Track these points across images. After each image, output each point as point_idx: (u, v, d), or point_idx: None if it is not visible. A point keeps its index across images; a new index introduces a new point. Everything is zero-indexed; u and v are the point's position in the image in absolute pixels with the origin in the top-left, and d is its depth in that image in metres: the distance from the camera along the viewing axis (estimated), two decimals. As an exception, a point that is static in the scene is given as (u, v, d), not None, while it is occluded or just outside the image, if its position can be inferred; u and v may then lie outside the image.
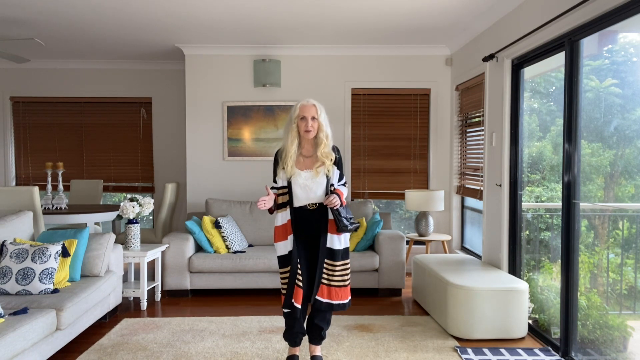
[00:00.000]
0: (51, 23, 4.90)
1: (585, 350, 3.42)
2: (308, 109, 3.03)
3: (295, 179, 3.04)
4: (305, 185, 3.04)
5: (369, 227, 5.07)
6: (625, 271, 3.49)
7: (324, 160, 3.05)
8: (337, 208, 3.00)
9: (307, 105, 3.04)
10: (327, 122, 3.09)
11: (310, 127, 3.02)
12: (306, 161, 3.09)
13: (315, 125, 3.03)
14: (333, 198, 2.97)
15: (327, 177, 3.07)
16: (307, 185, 3.04)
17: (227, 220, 5.15)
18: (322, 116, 3.05)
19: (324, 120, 3.06)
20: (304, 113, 3.02)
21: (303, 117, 3.02)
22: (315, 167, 3.05)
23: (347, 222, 3.01)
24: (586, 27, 3.14)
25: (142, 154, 6.83)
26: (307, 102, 3.06)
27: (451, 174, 5.87)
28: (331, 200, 2.97)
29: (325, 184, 3.06)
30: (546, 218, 4.35)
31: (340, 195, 3.08)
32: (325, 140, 3.05)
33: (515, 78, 4.19)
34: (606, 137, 3.53)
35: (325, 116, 3.08)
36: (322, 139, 3.05)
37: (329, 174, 3.07)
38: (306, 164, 3.07)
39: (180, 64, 6.50)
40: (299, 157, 3.10)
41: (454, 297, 3.72)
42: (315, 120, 3.03)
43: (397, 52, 5.89)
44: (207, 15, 4.67)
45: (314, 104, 3.05)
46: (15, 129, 6.84)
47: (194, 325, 4.05)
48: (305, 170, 3.06)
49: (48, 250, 3.57)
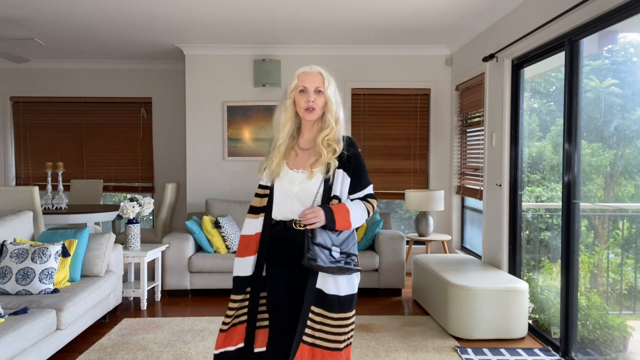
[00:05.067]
0: (51, 23, 4.90)
1: (585, 350, 3.42)
2: (311, 77, 2.06)
3: (280, 181, 2.08)
4: (290, 192, 2.05)
5: (369, 227, 5.07)
6: (625, 271, 3.49)
7: (323, 153, 2.02)
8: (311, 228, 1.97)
9: (310, 73, 2.08)
10: (340, 101, 2.11)
11: (312, 104, 2.04)
12: (301, 156, 2.11)
13: (320, 101, 2.05)
14: (310, 212, 1.96)
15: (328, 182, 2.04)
16: (295, 192, 2.04)
17: (227, 220, 5.16)
18: (332, 90, 2.08)
19: (334, 96, 2.08)
20: (304, 83, 2.06)
21: (303, 88, 2.06)
22: (309, 163, 2.04)
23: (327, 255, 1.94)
24: (586, 27, 3.14)
25: (142, 154, 6.83)
26: (309, 69, 2.10)
27: (451, 174, 5.87)
28: (306, 214, 1.97)
29: (320, 192, 2.03)
30: (546, 218, 4.35)
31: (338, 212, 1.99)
32: (333, 124, 2.05)
33: (515, 78, 4.19)
34: (606, 137, 3.53)
35: (336, 91, 2.10)
36: (330, 122, 2.05)
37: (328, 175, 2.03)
38: (300, 161, 2.10)
39: (180, 64, 6.50)
40: (293, 149, 2.13)
41: (454, 297, 3.72)
42: (320, 95, 2.06)
43: (397, 52, 5.89)
44: (207, 15, 4.67)
45: (320, 71, 2.09)
46: (15, 129, 6.84)
47: (194, 325, 4.04)
48: (295, 169, 2.08)
49: (48, 250, 3.57)
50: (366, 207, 2.07)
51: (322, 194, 2.03)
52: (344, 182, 2.05)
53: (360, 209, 2.05)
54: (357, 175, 2.07)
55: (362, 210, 2.05)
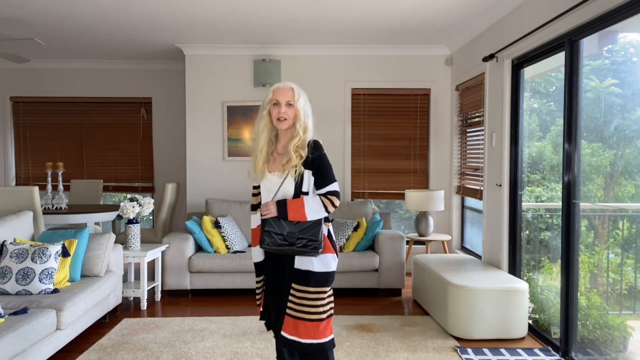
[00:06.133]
0: (51, 23, 4.90)
1: (585, 350, 3.42)
2: (283, 92, 2.45)
3: (263, 182, 2.51)
4: (268, 191, 2.49)
5: (369, 227, 5.07)
6: (625, 271, 3.49)
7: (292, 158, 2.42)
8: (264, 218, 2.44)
9: (282, 88, 2.47)
10: (309, 111, 2.51)
11: (283, 115, 2.43)
12: (278, 160, 2.50)
13: (290, 112, 2.44)
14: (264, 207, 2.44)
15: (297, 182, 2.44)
16: (271, 190, 2.47)
17: (227, 220, 5.16)
18: (301, 103, 2.46)
19: (303, 108, 2.47)
20: (277, 97, 2.45)
21: (276, 102, 2.45)
22: (282, 164, 2.44)
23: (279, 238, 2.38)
24: (586, 27, 3.14)
25: (142, 154, 6.83)
26: (282, 85, 2.49)
27: (451, 174, 5.87)
28: (262, 207, 2.46)
29: (292, 189, 2.44)
30: (546, 218, 4.35)
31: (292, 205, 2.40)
32: (301, 133, 2.44)
33: (515, 78, 4.19)
34: (606, 137, 3.53)
35: (305, 103, 2.49)
36: (298, 132, 2.44)
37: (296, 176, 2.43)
38: (276, 165, 2.50)
39: (180, 64, 6.50)
40: (272, 154, 2.53)
41: (454, 297, 3.72)
42: (291, 107, 2.45)
43: (397, 52, 5.89)
44: (207, 15, 4.67)
45: (292, 87, 2.47)
46: (15, 129, 6.84)
47: (194, 325, 4.05)
48: (273, 172, 2.49)
49: (48, 250, 3.57)
50: (323, 202, 2.42)
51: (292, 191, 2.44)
52: (310, 180, 2.44)
53: (316, 203, 2.41)
54: (320, 174, 2.44)
55: (318, 205, 2.41)
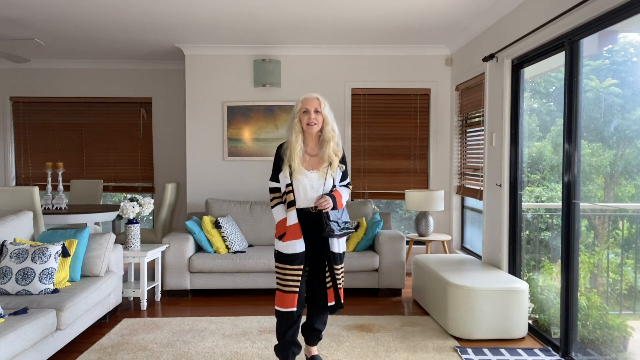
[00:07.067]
0: (51, 23, 4.90)
1: (585, 350, 3.42)
2: (310, 101, 2.93)
3: (301, 179, 2.93)
4: (310, 187, 2.93)
5: (369, 227, 5.07)
6: (625, 271, 3.49)
7: (332, 160, 2.95)
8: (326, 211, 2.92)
9: (310, 98, 2.95)
10: (333, 117, 3.00)
11: (313, 120, 2.91)
12: (311, 160, 2.98)
13: (319, 118, 2.93)
14: (324, 200, 2.89)
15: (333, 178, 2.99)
16: (313, 186, 2.93)
17: (227, 220, 5.16)
18: (326, 110, 2.96)
19: (329, 114, 2.96)
20: (306, 106, 2.93)
21: (305, 110, 2.93)
22: (322, 167, 2.95)
23: (338, 226, 2.92)
24: (586, 27, 3.14)
25: (142, 154, 6.83)
26: (309, 95, 2.98)
27: (451, 174, 5.87)
28: (321, 202, 2.89)
29: (331, 186, 2.97)
30: (546, 218, 4.35)
31: (338, 197, 2.97)
32: (333, 135, 2.95)
33: (515, 78, 4.19)
34: (606, 137, 3.53)
35: (330, 111, 2.98)
36: (329, 135, 2.94)
37: (334, 174, 2.97)
38: (312, 164, 2.97)
39: (180, 64, 6.50)
40: (304, 155, 2.98)
41: (454, 297, 3.72)
42: (318, 114, 2.93)
43: (397, 52, 5.89)
44: (208, 15, 4.67)
45: (317, 97, 2.96)
46: (15, 129, 6.84)
47: (194, 325, 4.05)
48: (311, 170, 2.95)
49: (48, 250, 3.57)
50: (349, 191, 3.13)
51: (331, 187, 2.99)
52: (339, 175, 3.03)
53: (346, 193, 3.08)
54: (345, 169, 3.06)
55: (347, 194, 3.10)
